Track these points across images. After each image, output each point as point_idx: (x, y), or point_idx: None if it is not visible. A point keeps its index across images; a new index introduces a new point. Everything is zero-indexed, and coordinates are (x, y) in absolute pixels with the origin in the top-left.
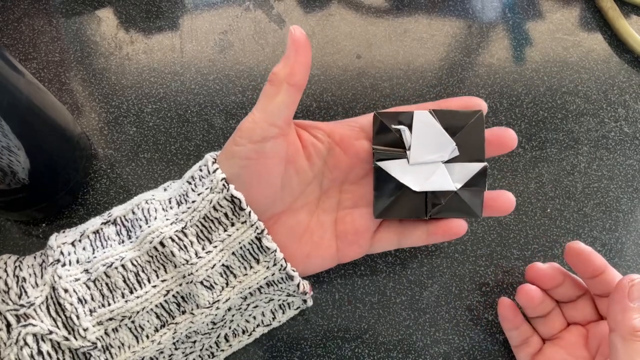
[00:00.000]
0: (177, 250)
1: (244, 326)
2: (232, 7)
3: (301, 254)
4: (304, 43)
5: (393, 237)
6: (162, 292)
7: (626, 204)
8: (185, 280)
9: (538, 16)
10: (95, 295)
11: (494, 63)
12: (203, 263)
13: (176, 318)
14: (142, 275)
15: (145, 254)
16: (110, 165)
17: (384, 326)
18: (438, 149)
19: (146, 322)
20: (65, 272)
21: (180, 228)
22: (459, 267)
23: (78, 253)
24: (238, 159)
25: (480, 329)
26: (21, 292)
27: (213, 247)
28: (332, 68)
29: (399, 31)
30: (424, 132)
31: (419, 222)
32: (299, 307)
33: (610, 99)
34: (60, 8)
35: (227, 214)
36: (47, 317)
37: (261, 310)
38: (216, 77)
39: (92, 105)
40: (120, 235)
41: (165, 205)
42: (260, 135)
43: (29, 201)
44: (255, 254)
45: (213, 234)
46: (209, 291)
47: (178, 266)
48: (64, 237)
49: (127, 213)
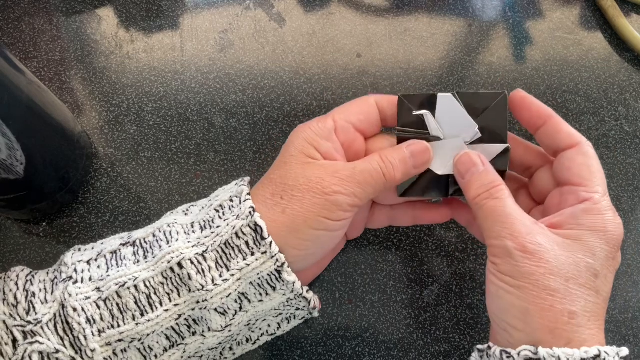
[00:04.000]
0: (195, 274)
1: (248, 336)
2: (232, 6)
3: (314, 267)
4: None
5: (385, 220)
6: (173, 316)
7: (627, 202)
8: (198, 305)
9: (538, 15)
10: (105, 315)
11: (494, 62)
12: (219, 291)
13: (186, 339)
14: (155, 298)
15: (160, 275)
16: (111, 164)
17: (385, 325)
18: (461, 131)
19: (156, 343)
20: (76, 289)
21: (201, 252)
22: (459, 266)
23: (92, 271)
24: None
25: (481, 327)
26: (29, 307)
27: (230, 276)
28: (333, 67)
29: (399, 30)
30: (447, 115)
31: (407, 209)
32: (304, 317)
33: (611, 98)
34: (60, 7)
35: (249, 243)
36: (55, 336)
37: (268, 323)
38: (216, 76)
39: (92, 104)
40: (136, 256)
41: (187, 229)
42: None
43: (30, 200)
44: (272, 283)
45: (232, 261)
46: (222, 317)
47: (193, 291)
48: (80, 255)
49: (148, 236)
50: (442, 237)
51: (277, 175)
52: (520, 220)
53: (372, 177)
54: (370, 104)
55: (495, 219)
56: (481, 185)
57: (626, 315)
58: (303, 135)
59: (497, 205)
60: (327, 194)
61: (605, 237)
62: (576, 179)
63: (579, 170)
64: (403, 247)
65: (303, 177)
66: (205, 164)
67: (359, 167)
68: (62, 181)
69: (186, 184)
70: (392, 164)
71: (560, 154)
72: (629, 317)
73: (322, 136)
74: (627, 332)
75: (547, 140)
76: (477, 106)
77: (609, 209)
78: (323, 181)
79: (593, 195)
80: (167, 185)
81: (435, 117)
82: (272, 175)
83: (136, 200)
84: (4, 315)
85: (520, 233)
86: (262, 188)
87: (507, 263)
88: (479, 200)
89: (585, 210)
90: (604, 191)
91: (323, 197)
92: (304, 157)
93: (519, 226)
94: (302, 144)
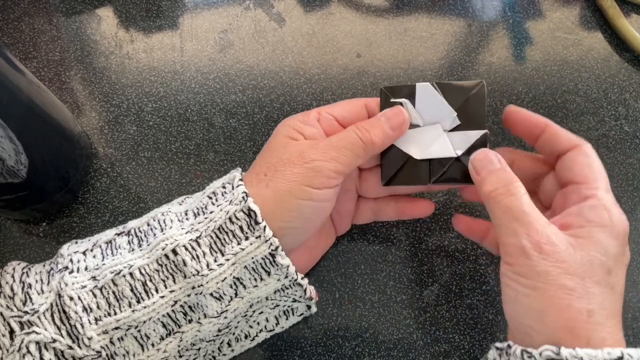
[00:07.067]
0: (190, 260)
1: (247, 331)
2: (232, 6)
3: (305, 253)
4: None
5: (370, 214)
6: (169, 302)
7: (626, 202)
8: (194, 291)
9: (538, 15)
10: (101, 303)
11: (494, 62)
12: (214, 276)
13: (182, 327)
14: (150, 285)
15: (155, 262)
16: (111, 164)
17: (384, 325)
18: (440, 118)
19: (152, 331)
20: (72, 279)
21: (195, 237)
22: (459, 266)
23: (88, 261)
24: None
25: (481, 327)
26: (26, 298)
27: (225, 260)
28: (332, 67)
29: (399, 30)
30: (426, 103)
31: (391, 202)
32: (302, 313)
33: (611, 98)
34: (60, 7)
35: (242, 227)
36: (51, 325)
37: (265, 316)
38: (216, 76)
39: (92, 104)
40: (131, 244)
41: (181, 217)
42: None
43: (29, 200)
44: (267, 267)
45: (226, 246)
46: (218, 302)
47: (188, 277)
48: (76, 247)
49: (142, 225)
50: (442, 237)
51: (261, 158)
52: (537, 219)
53: (350, 142)
54: (358, 103)
55: (512, 215)
56: (498, 180)
57: (626, 315)
58: (288, 122)
59: (514, 202)
60: (307, 162)
61: (614, 232)
62: (578, 178)
63: (580, 169)
64: (403, 247)
65: (285, 153)
66: (205, 164)
67: (336, 136)
68: (62, 181)
69: (186, 184)
70: (367, 129)
71: (562, 157)
72: (629, 317)
73: (305, 122)
74: (627, 332)
75: (548, 147)
76: (456, 95)
77: (614, 205)
78: (303, 152)
79: (596, 192)
80: (167, 185)
81: (415, 106)
82: (257, 161)
83: (136, 200)
84: (0, 307)
85: (537, 232)
86: (249, 173)
87: (523, 264)
88: (495, 194)
89: (591, 207)
90: (606, 188)
91: (303, 165)
92: (287, 139)
93: (536, 225)
94: (286, 129)
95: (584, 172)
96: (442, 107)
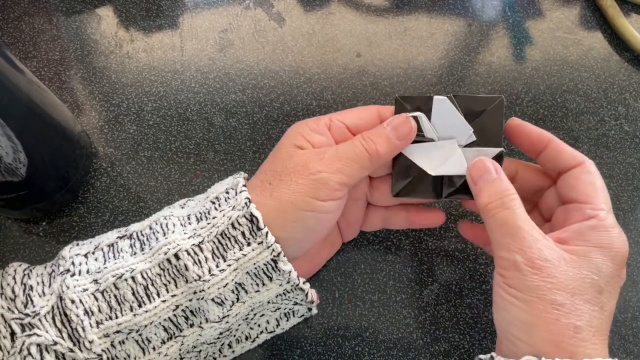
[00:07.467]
0: (192, 265)
1: (247, 333)
2: (232, 6)
3: (308, 260)
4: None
5: (379, 222)
6: (171, 306)
7: (626, 202)
8: (196, 296)
9: (538, 15)
10: (102, 307)
11: (494, 61)
12: (215, 281)
13: (184, 331)
14: (152, 289)
15: (157, 267)
16: (111, 163)
17: (384, 324)
18: (456, 133)
19: (153, 335)
20: (73, 282)
21: (197, 242)
22: (459, 266)
23: (89, 264)
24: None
25: (481, 327)
26: (27, 300)
27: (227, 266)
28: (332, 66)
29: (399, 30)
30: (442, 117)
31: (401, 211)
32: (303, 315)
33: (610, 98)
34: (60, 6)
35: (244, 233)
36: (53, 328)
37: (266, 319)
38: (216, 76)
39: (92, 103)
40: (133, 248)
41: (183, 221)
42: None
43: (29, 199)
44: (269, 273)
45: (228, 252)
46: (219, 307)
47: (190, 282)
48: (77, 249)
49: (144, 228)
50: (442, 236)
51: (267, 164)
52: (530, 234)
53: (355, 153)
54: (371, 111)
55: (505, 230)
56: (494, 192)
57: (626, 315)
58: (297, 129)
59: (509, 216)
60: (312, 173)
61: (611, 254)
62: (582, 197)
63: (583, 187)
64: (403, 246)
65: (291, 162)
66: (205, 164)
67: (342, 147)
68: (62, 181)
69: (186, 184)
70: (373, 140)
71: (565, 173)
72: (629, 317)
73: (315, 130)
74: (627, 331)
75: (550, 162)
76: (473, 109)
77: (615, 226)
78: (309, 163)
79: (599, 213)
80: (167, 185)
81: (430, 119)
82: (263, 166)
83: (136, 199)
84: (1, 309)
85: (530, 247)
86: (254, 178)
87: (515, 277)
88: (490, 207)
89: (591, 227)
90: (608, 208)
91: (308, 176)
92: (294, 147)
93: (529, 240)
94: (294, 136)
95: (587, 190)
96: (458, 122)
